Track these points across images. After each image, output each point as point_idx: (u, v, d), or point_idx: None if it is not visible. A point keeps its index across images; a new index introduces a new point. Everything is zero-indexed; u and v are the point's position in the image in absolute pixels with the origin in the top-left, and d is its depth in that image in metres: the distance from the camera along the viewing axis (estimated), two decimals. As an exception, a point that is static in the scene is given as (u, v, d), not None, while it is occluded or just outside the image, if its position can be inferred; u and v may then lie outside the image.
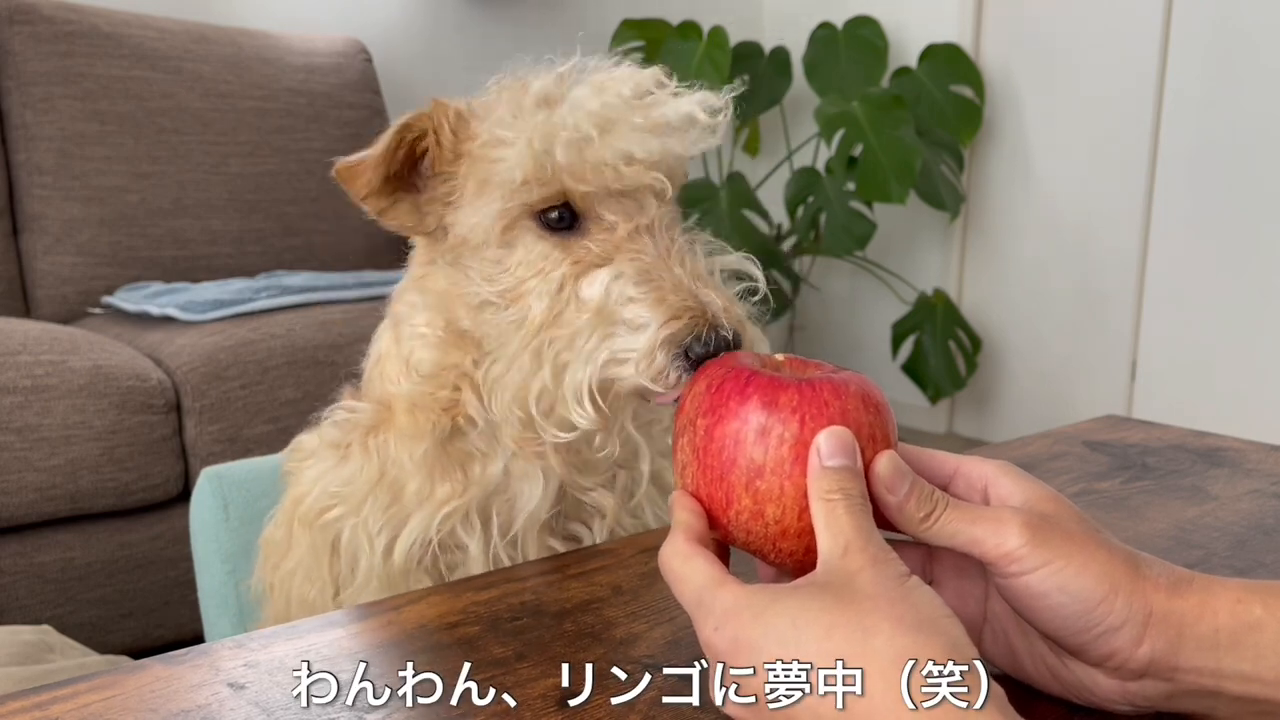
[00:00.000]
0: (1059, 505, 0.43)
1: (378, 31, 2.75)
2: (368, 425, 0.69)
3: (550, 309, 0.57)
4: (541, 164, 0.56)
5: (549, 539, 0.68)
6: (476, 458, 0.66)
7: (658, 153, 0.57)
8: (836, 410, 0.43)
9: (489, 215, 0.59)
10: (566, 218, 0.58)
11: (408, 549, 0.65)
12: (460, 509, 0.66)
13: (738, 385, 0.45)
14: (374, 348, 0.71)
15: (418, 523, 0.65)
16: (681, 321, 0.53)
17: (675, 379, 0.53)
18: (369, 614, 0.54)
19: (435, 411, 0.66)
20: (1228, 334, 2.68)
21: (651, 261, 0.56)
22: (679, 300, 0.53)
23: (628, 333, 0.54)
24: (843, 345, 3.51)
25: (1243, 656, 0.40)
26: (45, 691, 0.45)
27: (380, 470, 0.67)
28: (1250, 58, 2.57)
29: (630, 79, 0.59)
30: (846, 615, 0.37)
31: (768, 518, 0.43)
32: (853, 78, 3.05)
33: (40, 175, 2.03)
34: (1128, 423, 0.91)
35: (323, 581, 0.70)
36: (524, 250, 0.59)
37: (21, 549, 1.54)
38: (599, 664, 0.49)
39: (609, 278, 0.56)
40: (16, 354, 1.52)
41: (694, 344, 0.52)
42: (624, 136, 0.56)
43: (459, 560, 0.67)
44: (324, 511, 0.68)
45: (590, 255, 0.57)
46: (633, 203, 0.58)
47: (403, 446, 0.67)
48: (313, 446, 0.72)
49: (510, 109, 0.60)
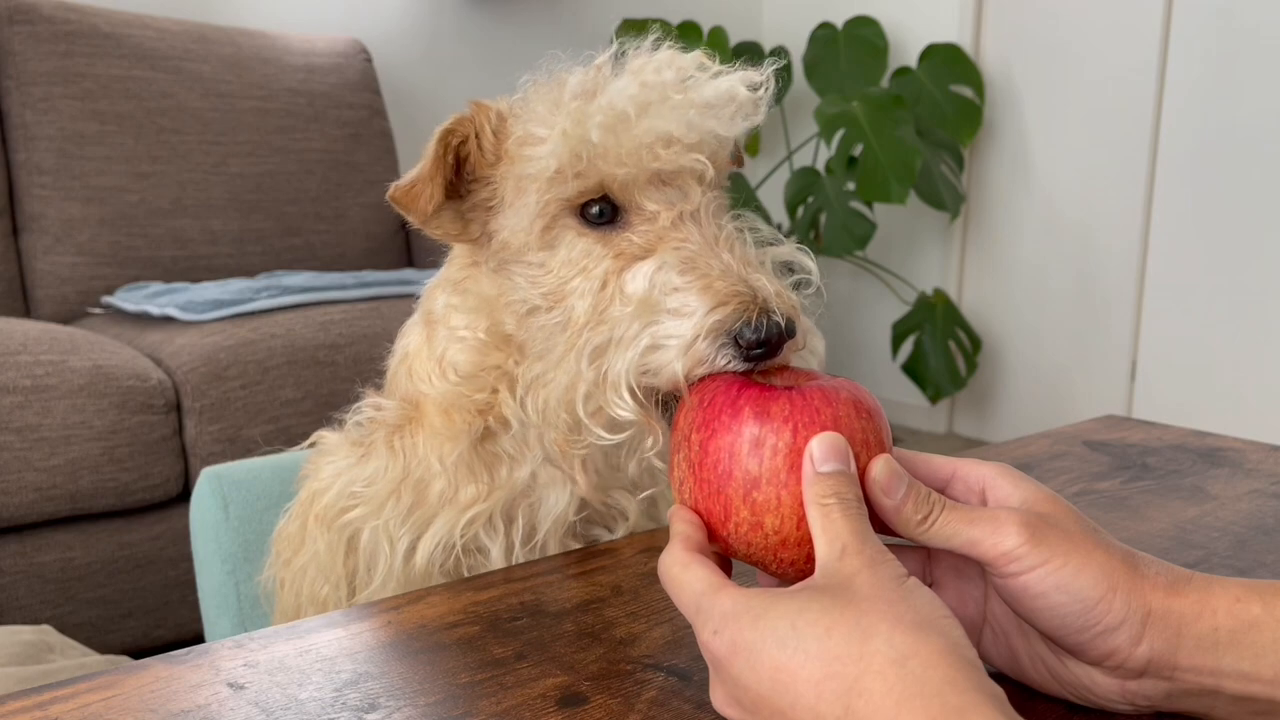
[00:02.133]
0: (1057, 505, 0.43)
1: (378, 31, 2.75)
2: (394, 424, 0.67)
3: (594, 307, 0.55)
4: (576, 151, 0.54)
5: (570, 542, 0.67)
6: (505, 461, 0.65)
7: (698, 133, 0.54)
8: (829, 417, 0.43)
9: (528, 215, 0.57)
10: (607, 211, 0.56)
11: (430, 552, 0.64)
12: (485, 512, 0.64)
13: (729, 398, 0.45)
14: (400, 344, 0.69)
15: (442, 525, 0.64)
16: (729, 307, 0.49)
17: (723, 365, 0.49)
18: (369, 614, 0.54)
19: (470, 413, 0.64)
20: (1228, 334, 2.68)
21: (697, 249, 0.53)
22: (727, 286, 0.50)
23: (672, 320, 0.51)
24: (843, 345, 3.51)
25: (1242, 655, 0.40)
26: (45, 691, 0.45)
27: (405, 470, 0.66)
28: (1250, 58, 2.57)
29: (672, 62, 0.57)
30: (845, 616, 0.37)
31: (767, 528, 0.43)
32: (853, 78, 3.05)
33: (40, 175, 2.03)
34: (1128, 423, 0.91)
35: (336, 579, 0.69)
36: (565, 249, 0.57)
37: (21, 549, 1.54)
38: (599, 664, 0.49)
39: (653, 268, 0.53)
40: (16, 354, 1.53)
41: (744, 329, 0.49)
42: (662, 116, 0.54)
43: (480, 564, 0.66)
44: (344, 511, 0.67)
45: (633, 248, 0.55)
46: (674, 190, 0.55)
47: (432, 447, 0.65)
48: (334, 442, 0.71)
49: (547, 105, 0.58)
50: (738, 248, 0.54)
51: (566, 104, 0.56)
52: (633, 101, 0.54)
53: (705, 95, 0.55)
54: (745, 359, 0.49)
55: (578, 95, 0.57)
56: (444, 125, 0.60)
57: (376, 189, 2.41)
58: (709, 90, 0.55)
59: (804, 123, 3.31)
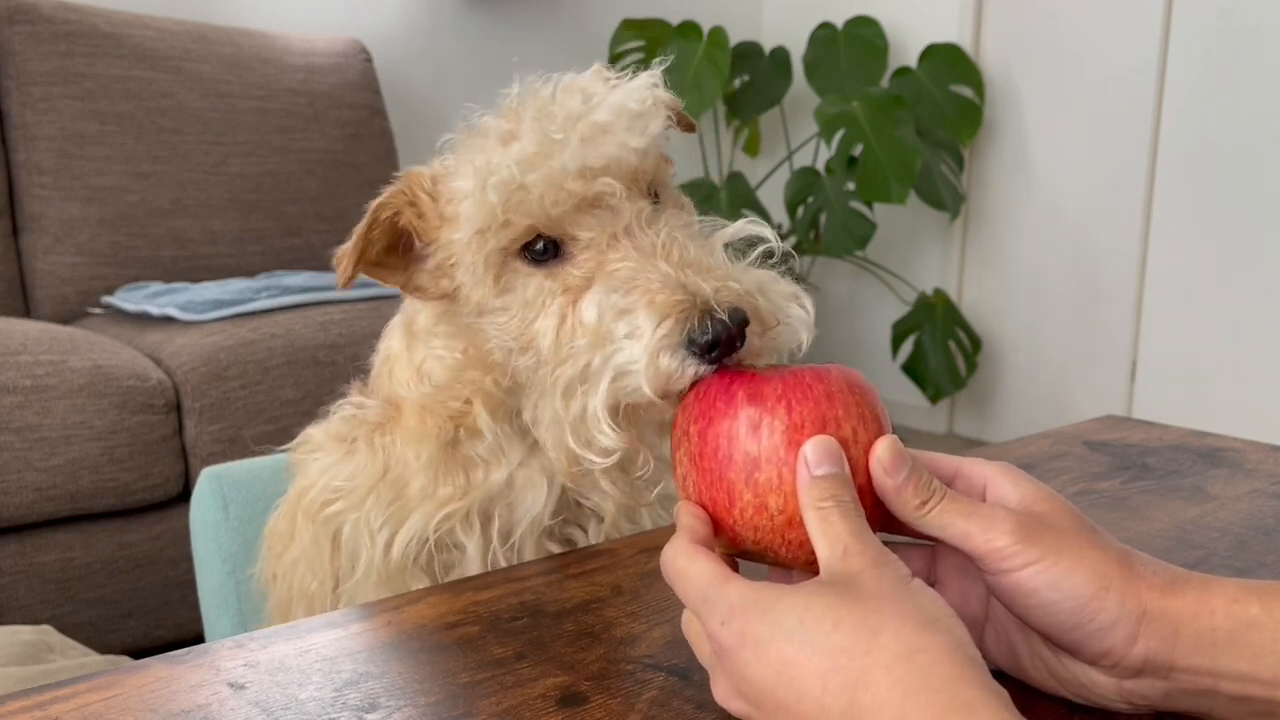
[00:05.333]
0: (1055, 505, 0.44)
1: (378, 31, 2.75)
2: (375, 422, 0.69)
3: (558, 342, 0.56)
4: (493, 206, 0.56)
5: (547, 542, 0.68)
6: (479, 464, 0.66)
7: (602, 157, 0.55)
8: (821, 392, 0.44)
9: (477, 269, 0.59)
10: (548, 247, 0.57)
11: (405, 545, 0.66)
12: (460, 510, 0.66)
13: (723, 386, 0.46)
14: (384, 345, 0.71)
15: (417, 520, 0.66)
16: (672, 319, 0.51)
17: (692, 374, 0.50)
18: (369, 614, 0.54)
19: (442, 418, 0.66)
20: (1228, 334, 2.68)
21: (635, 266, 0.54)
22: (668, 297, 0.51)
23: (628, 343, 0.52)
24: (843, 345, 3.51)
25: (1239, 656, 0.40)
26: (45, 691, 0.45)
27: (385, 467, 0.67)
28: (1250, 58, 2.57)
29: (576, 90, 0.58)
30: (852, 612, 0.37)
31: (771, 509, 0.44)
32: (853, 78, 3.05)
33: (40, 175, 2.03)
34: (1128, 423, 0.91)
35: (324, 573, 0.70)
36: (520, 290, 0.58)
37: (21, 549, 1.54)
38: (599, 664, 0.49)
39: (599, 296, 0.54)
40: (16, 354, 1.53)
41: (695, 336, 0.50)
42: (566, 152, 0.55)
43: (455, 560, 0.67)
44: (326, 505, 0.69)
45: (577, 280, 0.56)
46: (604, 211, 0.56)
47: (409, 446, 0.67)
48: (320, 439, 0.73)
49: (469, 156, 0.59)
50: (675, 251, 0.54)
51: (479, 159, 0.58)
52: (536, 145, 0.55)
53: (601, 118, 0.56)
54: (710, 361, 0.50)
55: (499, 141, 0.58)
56: (378, 199, 0.62)
57: (376, 189, 2.40)
58: (603, 113, 0.56)
59: (804, 123, 3.31)
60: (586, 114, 0.56)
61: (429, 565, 0.67)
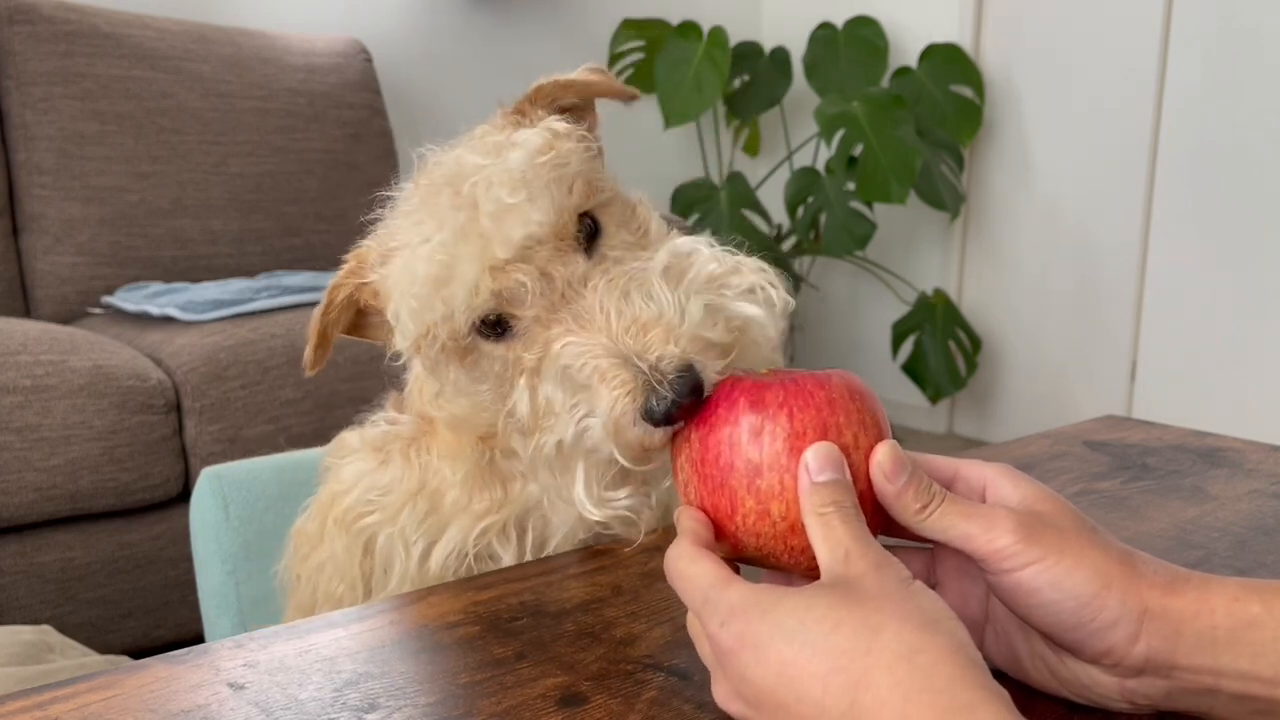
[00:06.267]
0: (1055, 504, 0.44)
1: (378, 31, 2.75)
2: (409, 437, 0.69)
3: (534, 411, 0.55)
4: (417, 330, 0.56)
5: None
6: (516, 477, 0.66)
7: (508, 246, 0.53)
8: (823, 399, 0.44)
9: (438, 364, 0.59)
10: (498, 323, 0.56)
11: (445, 558, 0.65)
12: (498, 523, 0.65)
13: (724, 392, 0.46)
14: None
15: (455, 533, 0.65)
16: (627, 396, 0.49)
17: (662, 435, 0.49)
18: (369, 614, 0.54)
19: (475, 438, 0.66)
20: (1228, 334, 2.68)
21: (579, 342, 0.51)
22: (615, 374, 0.50)
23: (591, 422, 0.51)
24: (843, 345, 3.51)
25: (1240, 654, 0.40)
26: (45, 691, 0.45)
27: (421, 481, 0.67)
28: (1250, 57, 2.57)
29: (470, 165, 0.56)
30: (853, 613, 0.37)
31: (774, 515, 0.44)
32: (853, 78, 3.05)
33: (40, 175, 2.03)
34: (1128, 423, 0.91)
35: (353, 580, 0.70)
36: (488, 364, 0.58)
37: (21, 549, 1.54)
38: (599, 664, 0.49)
39: (552, 383, 0.53)
40: (16, 354, 1.52)
41: (650, 412, 0.48)
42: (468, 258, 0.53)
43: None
44: (361, 516, 0.68)
45: (531, 361, 0.54)
46: (537, 281, 0.54)
47: (445, 460, 0.67)
48: (354, 444, 0.72)
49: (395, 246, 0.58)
50: (613, 314, 0.52)
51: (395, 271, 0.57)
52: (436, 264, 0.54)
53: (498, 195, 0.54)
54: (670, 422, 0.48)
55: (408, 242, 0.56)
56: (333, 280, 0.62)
57: (376, 189, 2.40)
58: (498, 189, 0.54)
59: (804, 123, 3.31)
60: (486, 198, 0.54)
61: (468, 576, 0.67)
